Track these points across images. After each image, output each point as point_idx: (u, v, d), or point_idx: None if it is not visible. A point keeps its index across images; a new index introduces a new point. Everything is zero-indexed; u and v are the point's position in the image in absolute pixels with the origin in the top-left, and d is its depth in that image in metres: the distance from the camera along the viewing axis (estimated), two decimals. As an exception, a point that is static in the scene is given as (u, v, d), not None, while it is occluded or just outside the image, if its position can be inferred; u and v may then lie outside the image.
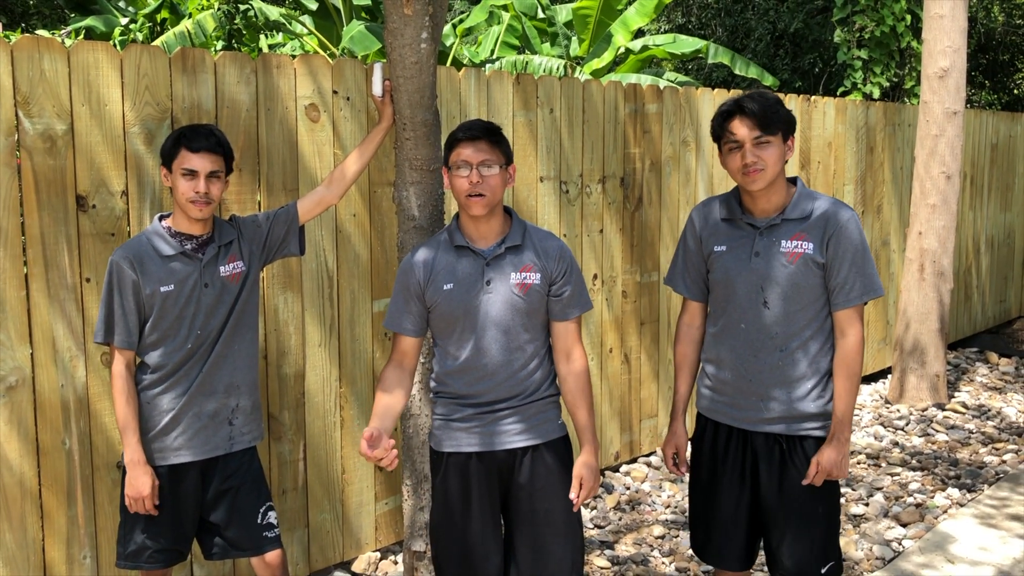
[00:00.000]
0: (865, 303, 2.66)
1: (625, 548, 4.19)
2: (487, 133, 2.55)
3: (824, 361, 2.67)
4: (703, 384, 2.83)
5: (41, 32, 7.98)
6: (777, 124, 2.58)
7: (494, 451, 2.61)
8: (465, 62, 9.69)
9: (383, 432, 2.46)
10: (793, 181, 2.71)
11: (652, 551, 4.16)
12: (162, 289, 2.65)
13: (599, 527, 4.41)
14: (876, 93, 9.19)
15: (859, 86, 9.28)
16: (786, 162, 2.63)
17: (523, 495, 2.62)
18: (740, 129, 2.58)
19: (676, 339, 2.90)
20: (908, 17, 9.04)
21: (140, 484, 2.65)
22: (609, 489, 4.83)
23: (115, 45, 7.38)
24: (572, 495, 2.61)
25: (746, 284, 2.66)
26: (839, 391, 2.65)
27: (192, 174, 2.64)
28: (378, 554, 3.99)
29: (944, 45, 6.24)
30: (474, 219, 2.58)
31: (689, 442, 2.90)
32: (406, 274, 2.63)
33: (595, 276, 4.82)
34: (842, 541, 4.17)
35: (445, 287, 2.57)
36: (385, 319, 2.69)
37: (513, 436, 2.61)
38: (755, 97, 2.60)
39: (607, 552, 4.13)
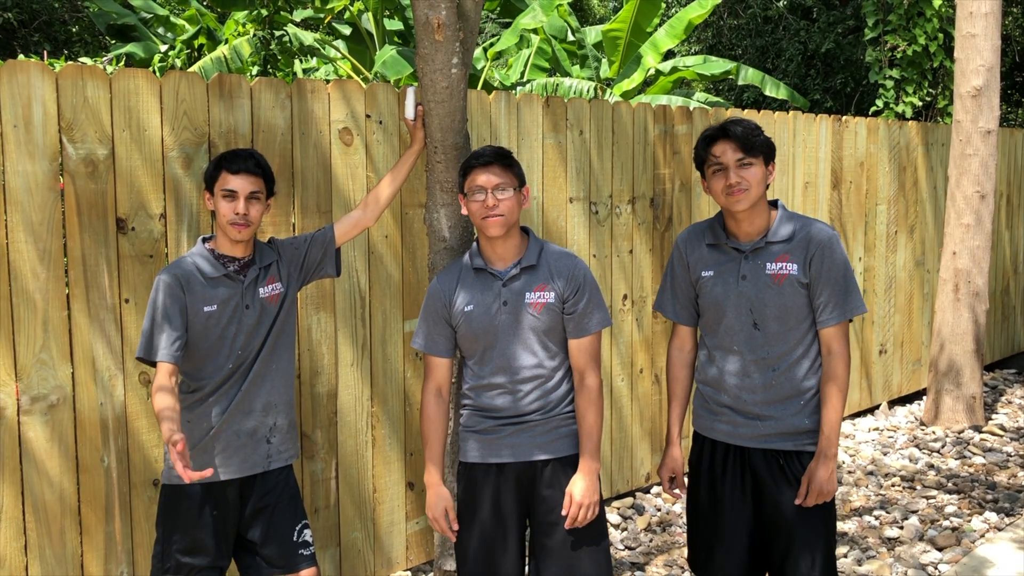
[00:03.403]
0: (850, 320, 2.71)
1: (656, 570, 4.17)
2: (498, 158, 2.65)
3: (815, 377, 2.73)
4: (700, 405, 2.89)
5: (84, 59, 8.19)
6: (758, 148, 2.67)
7: (515, 463, 2.68)
8: (496, 85, 9.77)
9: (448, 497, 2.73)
10: (774, 204, 2.78)
11: (683, 573, 4.13)
12: (205, 309, 2.70)
13: (629, 548, 4.39)
14: (908, 112, 9.12)
15: (891, 106, 9.21)
16: (767, 186, 2.71)
17: (545, 508, 2.67)
18: (724, 152, 2.67)
19: (668, 364, 2.95)
20: (941, 36, 8.96)
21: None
22: (640, 510, 4.82)
23: (154, 71, 7.55)
24: (563, 511, 2.64)
25: (735, 307, 2.73)
26: (827, 408, 2.69)
27: (232, 195, 2.70)
28: (409, 573, 4.01)
29: (977, 64, 6.21)
30: (491, 241, 2.67)
31: (686, 462, 2.93)
32: (433, 297, 2.74)
33: (625, 296, 4.83)
34: (875, 564, 4.12)
35: (466, 308, 2.67)
36: (416, 340, 2.77)
37: (534, 449, 2.67)
38: (738, 122, 2.70)
39: (637, 574, 4.12)
